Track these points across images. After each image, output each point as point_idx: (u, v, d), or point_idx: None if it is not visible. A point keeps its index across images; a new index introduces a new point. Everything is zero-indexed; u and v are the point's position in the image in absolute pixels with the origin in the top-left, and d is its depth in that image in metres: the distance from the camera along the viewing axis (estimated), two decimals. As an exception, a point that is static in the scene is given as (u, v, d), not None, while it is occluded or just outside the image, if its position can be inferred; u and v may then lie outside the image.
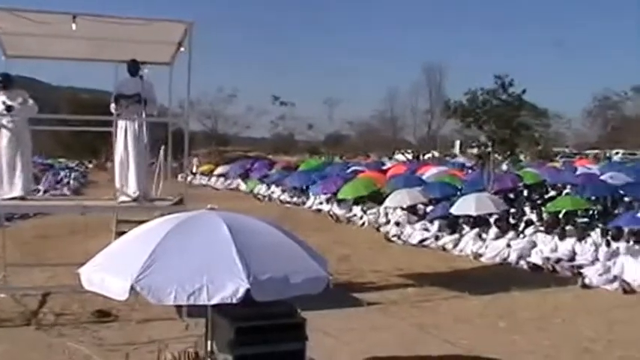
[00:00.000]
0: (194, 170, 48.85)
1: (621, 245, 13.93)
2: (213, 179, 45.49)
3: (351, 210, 23.87)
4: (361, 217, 22.80)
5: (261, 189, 35.55)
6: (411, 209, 20.44)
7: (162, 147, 12.65)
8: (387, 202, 21.26)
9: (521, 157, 31.98)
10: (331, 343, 8.60)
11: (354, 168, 36.00)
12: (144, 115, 11.32)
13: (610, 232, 14.70)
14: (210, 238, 5.81)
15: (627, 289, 12.38)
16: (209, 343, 6.52)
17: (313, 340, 6.52)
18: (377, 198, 23.23)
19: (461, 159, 46.60)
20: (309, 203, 28.56)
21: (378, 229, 20.74)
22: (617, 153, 69.87)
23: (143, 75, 11.56)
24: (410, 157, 66.26)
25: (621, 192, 22.31)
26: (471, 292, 11.99)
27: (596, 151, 74.24)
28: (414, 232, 18.66)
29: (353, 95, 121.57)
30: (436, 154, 70.08)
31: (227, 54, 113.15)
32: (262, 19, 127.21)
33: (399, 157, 65.74)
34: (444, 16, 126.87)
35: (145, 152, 11.50)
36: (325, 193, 26.84)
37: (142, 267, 5.44)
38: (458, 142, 47.58)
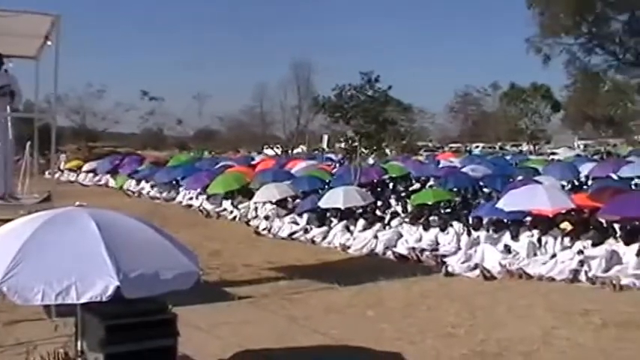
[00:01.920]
0: (62, 167, 47.22)
1: (481, 234, 14.49)
2: (82, 175, 44.08)
3: (221, 205, 23.75)
4: (231, 212, 22.72)
5: (131, 185, 34.82)
6: (281, 203, 20.58)
7: (29, 143, 12.30)
8: (257, 197, 21.33)
9: (387, 151, 32.69)
10: (203, 337, 8.63)
11: (223, 163, 35.79)
12: (9, 109, 11.00)
13: (471, 222, 15.32)
14: (78, 236, 5.75)
15: (487, 276, 12.84)
16: (79, 342, 6.44)
17: (185, 335, 6.55)
18: (247, 192, 23.23)
19: (329, 154, 47.20)
20: (179, 198, 28.20)
21: (248, 224, 20.77)
22: (477, 147, 73.14)
23: (7, 69, 11.24)
24: (279, 151, 66.58)
25: (481, 183, 23.30)
26: (340, 283, 12.18)
27: (458, 144, 77.33)
28: (284, 226, 18.77)
29: (222, 90, 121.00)
30: (305, 148, 70.76)
31: (95, 48, 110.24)
32: (130, 14, 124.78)
33: (269, 151, 65.98)
34: (309, 12, 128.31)
35: (10, 148, 11.17)
36: (195, 189, 26.65)
37: (7, 267, 5.33)
38: (326, 137, 48.09)
